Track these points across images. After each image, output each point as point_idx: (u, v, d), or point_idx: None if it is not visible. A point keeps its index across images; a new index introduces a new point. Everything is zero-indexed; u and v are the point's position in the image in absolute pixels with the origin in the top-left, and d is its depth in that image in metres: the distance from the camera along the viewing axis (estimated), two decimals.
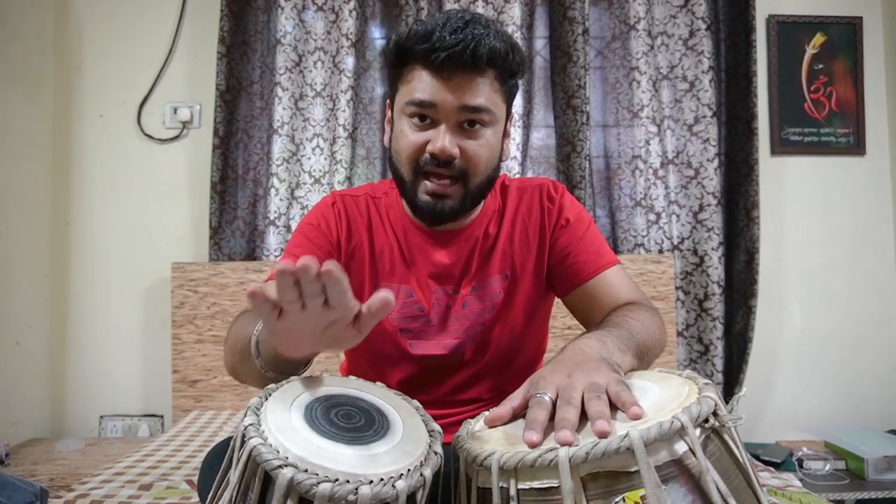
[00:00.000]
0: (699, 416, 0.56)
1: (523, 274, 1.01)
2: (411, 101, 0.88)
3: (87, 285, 2.24)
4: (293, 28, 2.20)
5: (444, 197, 0.91)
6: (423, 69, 0.87)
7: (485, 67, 0.86)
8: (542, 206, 1.02)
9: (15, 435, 2.00)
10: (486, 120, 0.89)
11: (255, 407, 0.67)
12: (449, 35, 0.84)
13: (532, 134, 2.30)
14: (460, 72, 0.85)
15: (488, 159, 0.91)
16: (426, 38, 0.85)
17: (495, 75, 0.88)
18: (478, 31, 0.85)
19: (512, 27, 2.20)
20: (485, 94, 0.87)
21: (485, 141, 0.90)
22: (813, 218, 2.36)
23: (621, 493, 0.53)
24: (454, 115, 0.87)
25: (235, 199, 2.23)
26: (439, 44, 0.84)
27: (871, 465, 1.90)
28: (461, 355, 1.00)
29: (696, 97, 2.23)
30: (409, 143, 0.90)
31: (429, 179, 0.90)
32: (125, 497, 1.26)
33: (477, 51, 0.84)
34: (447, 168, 0.89)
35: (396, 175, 0.94)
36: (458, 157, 0.88)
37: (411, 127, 0.90)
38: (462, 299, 0.99)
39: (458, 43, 0.83)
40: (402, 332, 1.00)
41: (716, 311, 2.19)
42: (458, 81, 0.86)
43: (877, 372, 2.33)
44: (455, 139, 0.88)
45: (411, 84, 0.89)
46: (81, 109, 2.26)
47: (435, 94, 0.86)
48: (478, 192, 0.94)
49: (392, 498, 0.59)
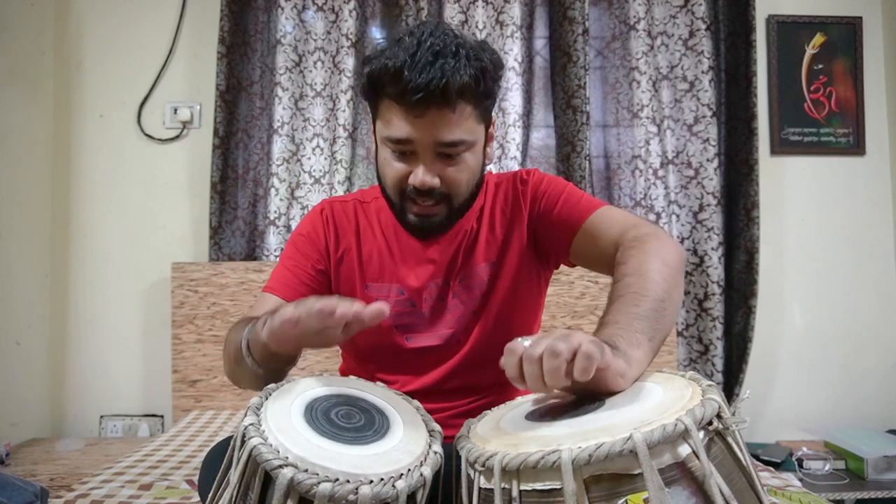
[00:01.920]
0: (703, 418, 0.56)
1: (508, 256, 1.03)
2: (388, 137, 0.91)
3: (87, 285, 2.23)
4: (293, 28, 2.20)
5: (431, 215, 0.95)
6: (397, 104, 0.88)
7: (457, 101, 0.87)
8: (515, 189, 1.05)
9: (15, 435, 1.99)
10: (463, 149, 0.92)
11: (256, 407, 0.67)
12: (419, 75, 0.83)
13: (532, 134, 2.30)
14: (433, 108, 0.86)
15: (469, 179, 0.95)
16: (397, 78, 0.85)
17: (471, 105, 0.90)
18: (448, 64, 0.84)
19: (512, 27, 2.20)
20: (459, 127, 0.89)
21: (465, 165, 0.93)
22: (813, 218, 2.36)
23: (624, 496, 0.53)
24: (430, 149, 0.90)
25: (235, 199, 2.22)
26: (410, 85, 0.84)
27: (870, 465, 1.90)
28: (456, 343, 1.02)
29: (696, 97, 2.23)
30: (392, 171, 0.93)
31: (415, 203, 0.94)
32: (125, 497, 1.26)
33: (448, 88, 0.84)
34: (430, 196, 0.92)
35: (384, 194, 0.99)
36: (439, 185, 0.92)
37: (393, 156, 0.93)
38: (452, 290, 1.02)
39: (430, 82, 0.83)
40: (398, 327, 1.02)
41: (716, 311, 2.19)
42: (431, 118, 0.87)
43: (877, 372, 2.33)
44: (435, 169, 0.91)
45: (388, 121, 0.91)
46: (81, 109, 2.25)
47: (410, 132, 0.88)
48: (463, 206, 0.97)
49: (392, 497, 0.59)
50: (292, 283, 1.03)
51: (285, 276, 1.04)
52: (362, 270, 1.04)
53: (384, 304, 0.70)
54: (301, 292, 1.02)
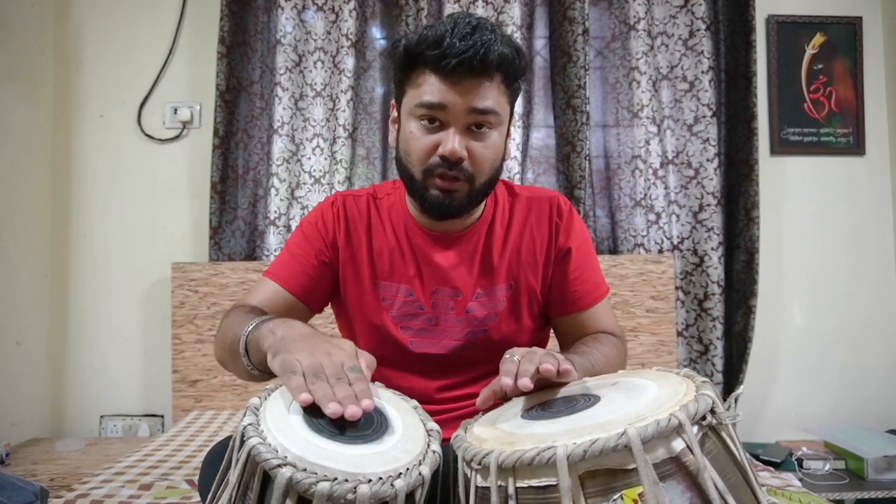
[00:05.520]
0: (697, 413, 0.56)
1: (527, 287, 1.04)
2: (421, 103, 0.90)
3: (87, 285, 2.24)
4: (293, 28, 2.20)
5: (453, 192, 0.93)
6: (433, 73, 0.89)
7: (493, 72, 0.89)
8: (550, 222, 1.05)
9: (15, 435, 2.00)
10: (493, 122, 0.92)
11: (255, 407, 0.67)
12: (459, 41, 0.86)
13: (532, 134, 2.30)
14: (469, 76, 0.88)
15: (493, 160, 0.94)
16: (437, 44, 0.87)
17: (502, 79, 0.91)
18: (486, 36, 0.87)
19: (512, 27, 2.20)
20: (492, 97, 0.90)
21: (491, 143, 0.93)
22: (813, 218, 2.35)
23: (619, 491, 0.53)
24: (463, 117, 0.90)
25: (235, 199, 2.23)
26: (450, 50, 0.86)
27: (870, 465, 1.90)
28: (460, 357, 1.02)
29: (696, 97, 2.23)
30: (419, 144, 0.92)
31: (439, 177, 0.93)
32: (125, 497, 1.26)
33: (487, 56, 0.86)
34: (456, 170, 0.91)
35: (406, 174, 0.96)
36: (467, 158, 0.91)
37: (420, 129, 0.92)
38: (466, 303, 1.02)
39: (469, 49, 0.86)
40: (403, 329, 1.02)
41: (715, 311, 2.19)
42: (466, 86, 0.88)
43: (877, 372, 2.33)
44: (463, 141, 0.91)
45: (421, 87, 0.90)
46: (81, 109, 2.26)
47: (445, 96, 0.89)
48: (482, 190, 0.96)
49: (391, 497, 0.59)
50: (294, 271, 1.02)
51: (289, 262, 1.04)
52: (373, 268, 1.03)
53: (372, 360, 0.74)
54: (301, 282, 1.02)
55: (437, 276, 1.02)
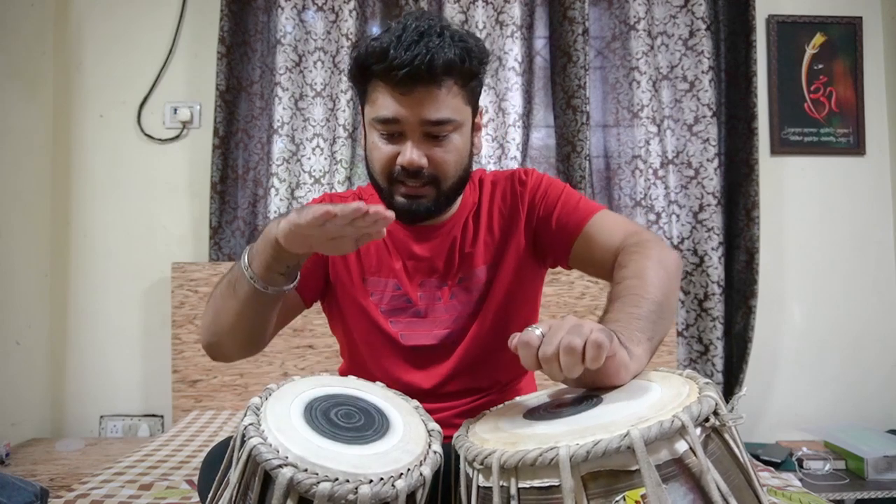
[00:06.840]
0: (700, 415, 0.56)
1: (506, 259, 1.03)
2: (376, 118, 0.92)
3: (87, 285, 2.23)
4: (293, 28, 2.20)
5: (419, 197, 0.94)
6: (384, 86, 0.90)
7: (443, 78, 0.88)
8: (513, 190, 1.05)
9: (15, 435, 2.00)
10: (451, 128, 0.92)
11: (255, 406, 0.67)
12: (404, 52, 0.85)
13: (532, 134, 2.30)
14: (419, 86, 0.87)
15: (457, 162, 0.95)
16: (383, 57, 0.87)
17: (455, 82, 0.90)
18: (433, 42, 0.86)
19: (512, 27, 2.20)
20: (446, 105, 0.90)
21: (452, 146, 0.93)
22: (813, 218, 2.35)
23: (622, 492, 0.53)
24: (418, 128, 0.90)
25: (235, 199, 2.23)
26: (396, 62, 0.85)
27: (870, 464, 1.90)
28: (451, 344, 1.02)
29: (696, 97, 2.23)
30: (380, 155, 0.94)
31: (403, 184, 0.94)
32: (125, 497, 1.26)
33: (433, 64, 0.86)
34: (418, 177, 0.92)
35: (374, 181, 0.99)
36: (427, 166, 0.92)
37: (381, 139, 0.93)
38: (449, 291, 1.02)
39: (415, 58, 0.85)
40: (393, 324, 1.03)
41: (716, 311, 2.19)
42: (418, 96, 0.88)
43: (877, 372, 2.33)
44: (422, 149, 0.91)
45: (376, 103, 0.92)
46: (81, 109, 2.25)
47: (397, 111, 0.89)
48: (451, 191, 0.97)
49: (392, 497, 0.59)
50: None
51: None
52: (360, 263, 1.04)
53: (391, 213, 0.73)
54: None
55: (421, 269, 1.03)
